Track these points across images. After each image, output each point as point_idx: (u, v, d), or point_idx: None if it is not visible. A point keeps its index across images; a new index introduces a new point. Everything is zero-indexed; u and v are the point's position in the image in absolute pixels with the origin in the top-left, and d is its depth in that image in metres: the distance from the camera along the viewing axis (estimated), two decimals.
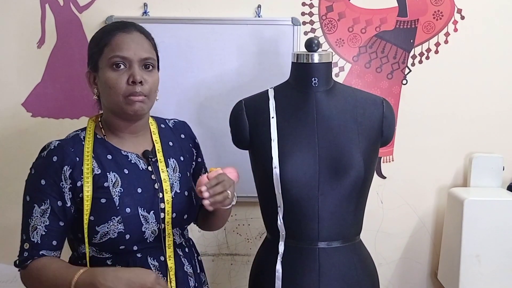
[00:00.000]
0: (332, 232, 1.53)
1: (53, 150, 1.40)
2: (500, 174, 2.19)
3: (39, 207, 1.38)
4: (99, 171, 1.41)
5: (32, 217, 1.38)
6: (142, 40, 1.43)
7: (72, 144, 1.42)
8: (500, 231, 2.02)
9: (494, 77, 2.18)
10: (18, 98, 2.18)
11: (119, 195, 1.40)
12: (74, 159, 1.40)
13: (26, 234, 1.39)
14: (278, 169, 1.49)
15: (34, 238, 1.37)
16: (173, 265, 1.46)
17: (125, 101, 1.39)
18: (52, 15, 2.12)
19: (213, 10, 2.11)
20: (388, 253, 2.33)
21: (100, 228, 1.39)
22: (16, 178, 2.23)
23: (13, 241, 2.27)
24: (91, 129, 1.48)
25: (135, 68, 1.39)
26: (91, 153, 1.42)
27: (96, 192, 1.39)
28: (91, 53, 1.46)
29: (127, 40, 1.40)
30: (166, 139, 1.56)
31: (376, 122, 1.57)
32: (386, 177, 2.26)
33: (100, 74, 1.42)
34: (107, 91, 1.41)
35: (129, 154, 1.47)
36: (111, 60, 1.39)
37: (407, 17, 2.14)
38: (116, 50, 1.39)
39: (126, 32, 1.42)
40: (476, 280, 2.04)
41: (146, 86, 1.40)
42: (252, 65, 2.12)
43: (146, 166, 1.48)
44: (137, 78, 1.37)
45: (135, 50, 1.40)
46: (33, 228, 1.38)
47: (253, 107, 1.60)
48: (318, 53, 1.55)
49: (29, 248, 1.38)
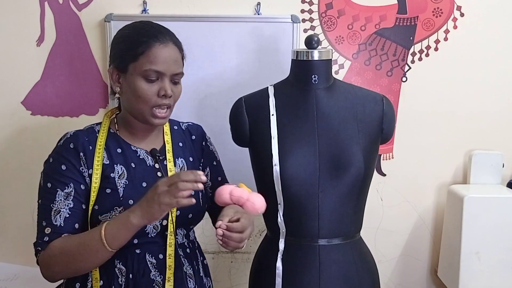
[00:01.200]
0: (332, 229, 1.53)
1: (69, 138, 1.44)
2: (500, 171, 2.20)
3: (62, 191, 1.39)
4: (107, 162, 1.44)
5: (55, 201, 1.38)
6: (176, 54, 1.45)
7: (86, 134, 1.46)
8: (500, 228, 2.02)
9: (494, 74, 2.18)
10: (17, 96, 2.17)
11: (124, 187, 1.43)
12: (87, 147, 1.43)
13: (47, 219, 1.37)
14: (278, 166, 1.49)
15: (57, 222, 1.37)
16: (172, 263, 1.46)
17: (150, 112, 1.42)
18: (51, 13, 2.11)
19: (213, 7, 2.11)
20: (388, 250, 2.33)
21: (103, 217, 1.40)
22: (15, 177, 2.24)
23: (13, 239, 2.29)
24: (106, 124, 1.51)
25: (166, 82, 1.42)
26: (103, 145, 1.45)
27: (102, 181, 1.42)
28: (121, 53, 1.45)
29: (163, 54, 1.41)
30: (176, 140, 1.59)
31: (376, 119, 1.57)
32: (386, 175, 2.26)
33: (129, 79, 1.43)
34: (135, 98, 1.42)
35: (138, 150, 1.50)
36: (146, 72, 1.40)
37: (407, 14, 2.14)
38: (153, 63, 1.40)
39: (164, 44, 1.42)
40: (476, 277, 2.04)
41: (172, 99, 1.44)
42: (252, 63, 2.12)
43: (154, 163, 1.50)
44: (168, 92, 1.41)
45: (169, 65, 1.41)
46: (56, 212, 1.37)
47: (253, 105, 1.60)
48: (318, 51, 1.54)
49: (50, 232, 1.36)
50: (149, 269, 1.44)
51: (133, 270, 1.43)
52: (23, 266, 2.28)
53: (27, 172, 2.24)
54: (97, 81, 2.16)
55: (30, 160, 2.23)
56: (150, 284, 1.43)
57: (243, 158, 1.71)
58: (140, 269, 1.44)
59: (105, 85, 2.16)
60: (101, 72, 2.15)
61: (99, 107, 2.19)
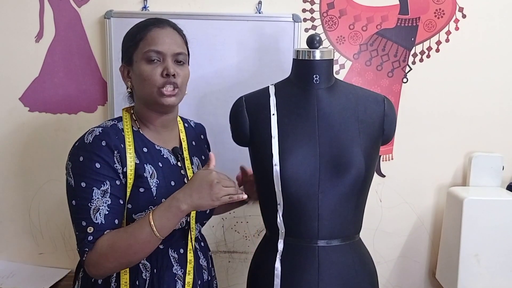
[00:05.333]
0: (332, 230, 1.51)
1: (99, 135, 1.42)
2: (500, 173, 2.19)
3: (98, 189, 1.38)
4: (138, 161, 1.45)
5: (93, 200, 1.37)
6: (175, 36, 1.50)
7: (114, 132, 1.45)
8: (499, 230, 2.01)
9: (495, 76, 2.17)
10: (15, 93, 2.17)
11: (156, 186, 1.45)
12: (119, 145, 1.43)
13: (87, 219, 1.37)
14: (278, 166, 1.48)
15: (98, 220, 1.37)
16: (192, 258, 1.52)
17: (158, 93, 1.45)
18: (50, 9, 2.10)
19: (214, 5, 2.10)
20: (386, 252, 2.33)
21: (137, 216, 1.43)
22: (13, 173, 2.23)
23: (9, 237, 2.28)
24: (127, 120, 1.52)
25: (169, 61, 1.45)
26: (133, 144, 1.46)
27: (136, 180, 1.43)
28: (126, 48, 1.51)
29: (161, 35, 1.46)
30: (190, 139, 1.64)
31: (377, 120, 1.56)
32: (385, 176, 2.26)
33: (135, 67, 1.47)
34: (142, 83, 1.46)
35: (162, 149, 1.53)
36: (146, 54, 1.45)
37: (409, 15, 2.13)
38: (152, 44, 1.45)
39: (160, 27, 1.48)
40: (474, 279, 2.04)
41: (178, 79, 1.46)
42: (252, 62, 2.11)
43: (176, 162, 1.54)
44: (171, 70, 1.44)
45: (169, 45, 1.46)
46: (95, 211, 1.37)
47: (254, 104, 1.58)
48: (320, 50, 1.53)
49: (93, 231, 1.36)
50: (172, 264, 1.50)
51: (157, 265, 1.48)
52: (19, 264, 2.27)
53: (25, 169, 2.23)
54: (96, 78, 2.15)
55: (28, 157, 2.22)
56: (172, 277, 1.49)
57: (242, 158, 1.70)
58: (164, 264, 1.49)
59: (104, 82, 2.14)
60: (100, 69, 2.14)
61: (98, 104, 2.17)
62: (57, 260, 2.30)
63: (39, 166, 2.23)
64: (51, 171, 2.22)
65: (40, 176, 2.24)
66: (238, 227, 2.28)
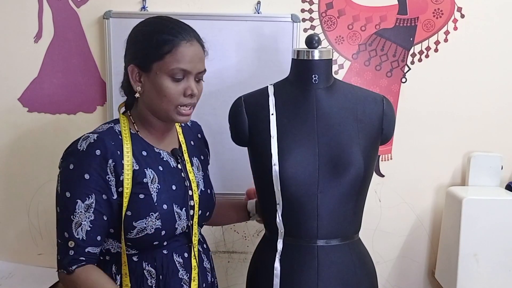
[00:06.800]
0: (331, 230, 1.52)
1: (94, 143, 1.35)
2: (499, 173, 2.19)
3: (82, 202, 1.33)
4: (137, 167, 1.40)
5: (75, 213, 1.33)
6: (201, 52, 1.44)
7: (110, 137, 1.39)
8: (498, 230, 2.02)
9: (494, 76, 2.17)
10: (14, 93, 2.17)
11: (157, 192, 1.41)
12: (115, 152, 1.37)
13: (69, 231, 1.33)
14: (277, 166, 1.48)
15: (79, 235, 1.33)
16: (197, 263, 1.49)
17: (176, 111, 1.41)
18: (49, 9, 2.10)
19: (212, 5, 2.10)
20: (385, 252, 2.33)
21: (138, 224, 1.38)
22: (13, 174, 2.23)
23: (9, 237, 2.27)
24: (125, 123, 1.45)
25: (192, 81, 1.41)
26: (131, 148, 1.40)
27: (134, 187, 1.38)
28: (144, 52, 1.39)
29: (191, 53, 1.39)
30: (188, 138, 1.60)
31: (376, 119, 1.56)
32: (384, 176, 2.26)
33: (154, 78, 1.38)
34: (159, 97, 1.39)
35: (161, 152, 1.48)
36: (173, 71, 1.37)
37: (407, 15, 2.13)
38: (181, 62, 1.37)
39: (189, 43, 1.39)
40: (473, 279, 2.04)
41: (196, 98, 1.44)
42: (251, 62, 2.11)
43: (176, 164, 1.50)
44: (195, 92, 1.40)
45: (195, 64, 1.40)
46: (77, 225, 1.33)
47: (253, 104, 1.59)
48: (319, 50, 1.53)
49: (74, 246, 1.33)
50: (177, 269, 1.47)
51: (163, 271, 1.45)
52: (18, 264, 2.27)
53: (24, 170, 2.23)
54: (95, 78, 2.15)
55: (27, 158, 2.22)
56: (179, 283, 1.47)
57: (241, 158, 1.71)
58: (170, 270, 1.45)
59: (103, 83, 2.14)
60: (99, 69, 2.14)
61: (97, 105, 2.17)
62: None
63: (38, 166, 2.22)
64: (50, 171, 2.22)
65: (39, 177, 2.23)
66: (237, 227, 2.28)
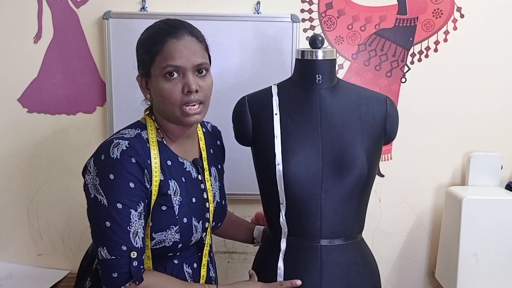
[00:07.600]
0: (334, 230, 1.52)
1: (126, 151, 1.31)
2: (499, 173, 2.20)
3: (135, 211, 1.30)
4: (162, 177, 1.37)
5: (131, 223, 1.30)
6: (194, 45, 1.37)
7: (140, 145, 1.35)
8: (498, 230, 2.02)
9: (493, 75, 2.18)
10: (14, 94, 2.16)
11: (179, 204, 1.39)
12: (146, 161, 1.34)
13: (128, 243, 1.29)
14: (281, 166, 1.48)
15: (138, 244, 1.31)
16: (205, 273, 1.49)
17: (181, 112, 1.35)
18: (49, 10, 2.10)
19: (212, 6, 2.10)
20: (385, 252, 2.33)
21: (157, 235, 1.37)
22: (12, 174, 2.22)
23: (8, 238, 2.26)
24: (153, 131, 1.41)
25: (189, 76, 1.34)
26: (159, 159, 1.37)
27: (159, 198, 1.36)
28: (142, 59, 1.39)
29: (179, 48, 1.33)
30: (208, 147, 1.56)
31: (379, 119, 1.56)
32: (384, 176, 2.26)
33: (153, 82, 1.37)
34: (162, 100, 1.36)
35: (185, 161, 1.45)
36: (164, 69, 1.33)
37: (407, 15, 2.13)
38: (169, 59, 1.33)
39: (177, 38, 1.34)
40: (473, 278, 2.04)
41: (201, 93, 1.36)
42: (251, 62, 2.11)
43: (197, 175, 1.47)
44: (193, 87, 1.33)
45: (187, 58, 1.34)
46: (135, 234, 1.30)
47: (256, 104, 1.58)
48: (322, 50, 1.53)
49: (137, 256, 1.30)
50: (186, 279, 1.46)
51: None
52: (18, 265, 2.26)
53: (23, 170, 2.22)
54: (95, 79, 2.15)
55: (27, 158, 2.21)
56: None
57: (243, 158, 1.70)
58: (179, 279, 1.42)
59: (102, 83, 2.14)
60: (98, 70, 2.14)
61: (96, 105, 2.17)
62: (56, 261, 2.29)
63: (38, 167, 2.22)
64: (50, 172, 2.22)
65: (39, 177, 2.23)
66: None
